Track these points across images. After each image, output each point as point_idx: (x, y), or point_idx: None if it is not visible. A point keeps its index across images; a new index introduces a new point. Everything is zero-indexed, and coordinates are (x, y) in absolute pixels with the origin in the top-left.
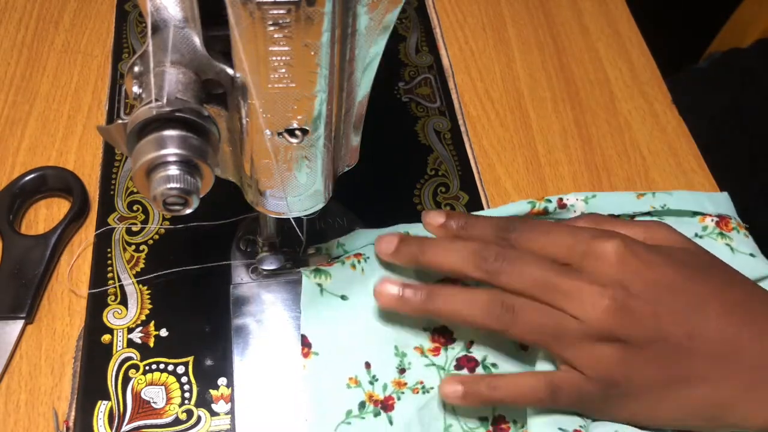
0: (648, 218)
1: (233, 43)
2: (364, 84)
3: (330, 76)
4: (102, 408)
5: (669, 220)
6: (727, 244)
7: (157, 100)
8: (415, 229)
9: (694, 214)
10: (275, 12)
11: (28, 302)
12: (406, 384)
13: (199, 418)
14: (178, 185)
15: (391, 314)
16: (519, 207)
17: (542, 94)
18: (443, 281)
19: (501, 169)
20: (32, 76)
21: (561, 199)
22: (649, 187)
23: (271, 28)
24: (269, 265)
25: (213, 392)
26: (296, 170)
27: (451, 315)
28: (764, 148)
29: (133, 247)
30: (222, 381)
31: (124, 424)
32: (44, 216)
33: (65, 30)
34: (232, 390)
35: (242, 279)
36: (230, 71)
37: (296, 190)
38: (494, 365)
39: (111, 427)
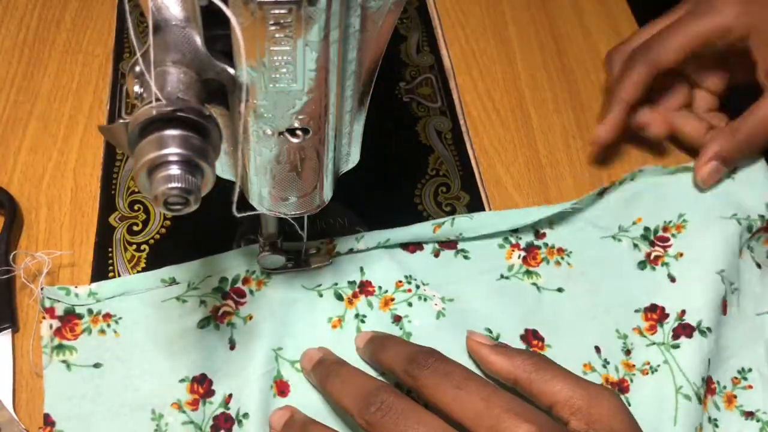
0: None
1: (234, 42)
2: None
3: (331, 76)
4: None
5: (474, 253)
6: (533, 284)
7: (158, 99)
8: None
9: (503, 244)
10: (276, 11)
11: (8, 313)
12: None
13: None
14: (179, 185)
15: (146, 373)
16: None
17: (543, 95)
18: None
19: (502, 169)
20: (33, 75)
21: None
22: None
23: (273, 27)
24: (270, 265)
25: None
26: (297, 170)
27: None
28: None
29: (134, 246)
30: None
31: None
32: None
33: (66, 30)
34: None
35: None
36: (231, 71)
37: (297, 190)
38: (245, 415)
39: None
